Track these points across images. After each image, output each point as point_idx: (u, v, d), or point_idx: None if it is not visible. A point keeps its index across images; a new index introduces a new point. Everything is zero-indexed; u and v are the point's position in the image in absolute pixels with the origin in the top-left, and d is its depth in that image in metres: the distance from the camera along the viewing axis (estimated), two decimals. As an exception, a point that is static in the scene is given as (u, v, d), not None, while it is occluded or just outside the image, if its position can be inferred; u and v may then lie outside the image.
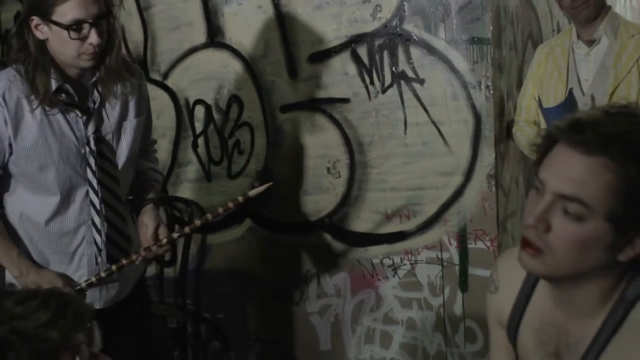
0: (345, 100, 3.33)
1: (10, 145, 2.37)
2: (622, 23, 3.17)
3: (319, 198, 3.43)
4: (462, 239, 3.17)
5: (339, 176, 3.37)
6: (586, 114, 1.44)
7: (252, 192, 2.42)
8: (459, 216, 3.18)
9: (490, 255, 3.12)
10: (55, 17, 2.26)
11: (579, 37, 3.16)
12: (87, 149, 2.42)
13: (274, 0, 3.40)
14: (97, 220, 2.47)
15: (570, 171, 1.39)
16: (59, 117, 2.39)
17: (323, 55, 3.35)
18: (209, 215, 2.49)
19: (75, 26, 2.25)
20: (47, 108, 2.35)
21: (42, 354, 1.35)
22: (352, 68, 3.30)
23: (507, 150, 3.29)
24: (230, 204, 2.43)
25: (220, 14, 3.52)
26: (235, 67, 3.52)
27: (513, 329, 1.67)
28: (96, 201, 2.46)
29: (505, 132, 3.27)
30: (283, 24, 3.40)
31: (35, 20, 2.30)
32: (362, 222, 3.36)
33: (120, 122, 2.51)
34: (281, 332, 3.59)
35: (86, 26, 2.26)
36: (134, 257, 2.46)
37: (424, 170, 3.22)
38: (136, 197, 2.65)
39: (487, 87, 3.08)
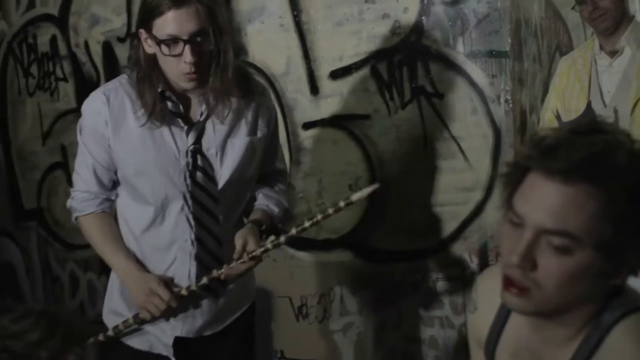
0: (366, 117, 3.31)
1: (109, 146, 2.30)
2: (646, 33, 3.08)
3: (341, 215, 3.33)
4: (483, 255, 3.12)
5: (361, 193, 3.33)
6: (553, 136, 1.32)
7: (355, 197, 2.21)
8: (479, 232, 3.12)
9: (512, 272, 3.05)
10: (154, 31, 2.18)
11: (601, 48, 3.09)
12: (186, 160, 2.30)
13: (295, 18, 3.41)
14: (191, 237, 2.34)
15: (551, 203, 1.28)
16: (163, 124, 2.28)
17: (343, 72, 3.34)
18: (293, 230, 2.25)
19: (168, 41, 2.16)
20: (155, 123, 2.27)
21: None
22: (372, 84, 3.28)
23: (530, 165, 3.21)
24: (330, 210, 2.24)
25: (243, 32, 3.54)
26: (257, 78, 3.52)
27: (490, 350, 1.59)
28: (190, 217, 2.32)
29: (527, 146, 3.19)
30: (304, 41, 3.41)
31: (143, 33, 2.22)
32: (383, 239, 3.33)
33: (227, 138, 2.34)
34: (305, 351, 3.57)
35: (180, 43, 2.16)
36: (214, 273, 2.27)
37: (445, 186, 3.17)
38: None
39: (506, 100, 3.03)
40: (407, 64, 3.21)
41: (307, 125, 3.45)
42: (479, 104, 3.08)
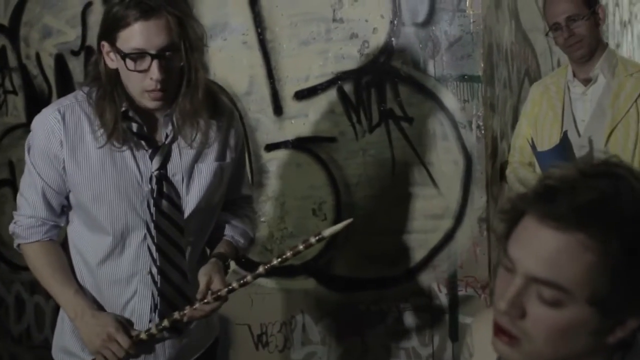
0: (332, 140, 3.21)
1: (64, 168, 2.10)
2: (621, 61, 3.02)
3: (304, 241, 3.28)
4: (452, 285, 3.04)
5: (325, 218, 3.23)
6: (559, 177, 1.21)
7: (327, 232, 2.01)
8: (449, 261, 3.04)
9: (481, 303, 2.98)
10: (118, 44, 1.99)
11: (574, 75, 3.02)
12: (150, 187, 2.12)
13: (260, 36, 3.29)
14: (154, 271, 2.14)
15: (543, 250, 1.18)
16: (124, 146, 2.10)
17: (309, 93, 3.23)
18: (261, 269, 2.08)
19: (133, 55, 1.98)
20: (115, 145, 2.08)
21: None
22: (338, 106, 3.18)
23: (500, 193, 3.14)
24: (301, 246, 2.04)
25: (205, 49, 3.40)
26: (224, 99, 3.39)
27: None
28: (153, 249, 2.13)
29: (498, 173, 3.13)
30: (268, 60, 3.30)
31: (106, 46, 2.04)
32: (348, 266, 3.22)
33: (194, 163, 2.16)
34: (264, 381, 3.44)
35: (147, 58, 1.98)
36: (175, 315, 2.08)
37: (413, 212, 3.09)
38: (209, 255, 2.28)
39: (478, 126, 2.96)
40: (376, 86, 3.11)
41: (270, 147, 3.34)
42: (449, 129, 3.00)
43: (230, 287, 2.08)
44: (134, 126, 2.11)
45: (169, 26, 1.99)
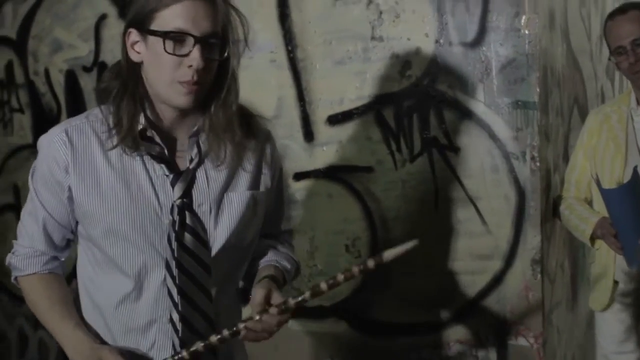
0: (368, 169, 2.93)
1: (70, 198, 1.83)
2: (691, 87, 2.75)
3: (335, 279, 2.99)
4: (501, 333, 2.75)
5: (359, 255, 2.95)
6: None
7: (389, 255, 1.74)
8: (497, 307, 2.75)
9: (534, 354, 2.68)
10: (154, 26, 1.74)
11: (638, 103, 2.74)
12: (171, 218, 1.83)
13: (290, 54, 3.03)
14: (175, 318, 1.84)
15: None
16: (141, 171, 1.82)
17: (344, 117, 2.96)
18: (323, 285, 1.73)
19: (175, 35, 1.73)
20: (127, 152, 1.80)
21: None
22: (376, 132, 2.91)
23: (553, 231, 2.86)
24: (356, 269, 1.72)
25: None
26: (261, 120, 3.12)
27: None
28: (174, 291, 1.83)
29: (551, 209, 2.84)
30: (299, 81, 3.03)
31: (133, 34, 1.78)
32: (384, 309, 2.93)
33: (223, 191, 1.88)
34: None
35: (189, 41, 1.73)
36: (225, 332, 1.77)
37: (458, 252, 2.80)
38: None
39: (532, 158, 2.67)
40: (418, 111, 2.84)
41: (299, 176, 3.07)
42: (500, 160, 2.72)
43: (302, 298, 1.76)
44: (154, 149, 1.83)
45: (217, 12, 1.76)
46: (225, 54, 1.82)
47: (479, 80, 2.74)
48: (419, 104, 2.83)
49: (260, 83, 3.08)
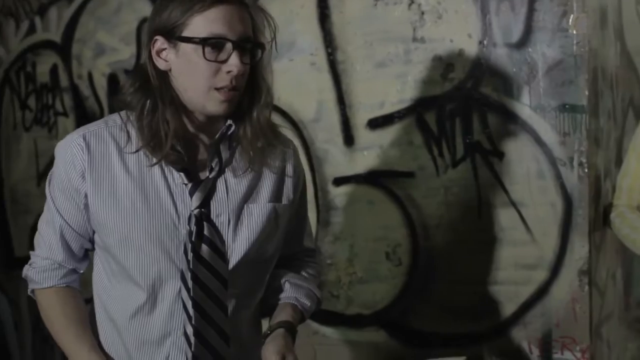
0: (409, 175, 2.84)
1: (86, 205, 1.80)
2: None
3: (375, 288, 2.92)
4: (546, 347, 2.64)
5: (400, 263, 2.86)
6: None
7: None
8: (542, 319, 2.64)
9: (581, 369, 2.57)
10: (187, 32, 1.70)
11: (696, 105, 2.61)
12: (188, 228, 1.78)
13: (330, 57, 2.96)
14: (188, 331, 1.80)
15: None
16: (159, 179, 1.78)
17: (384, 121, 2.87)
18: None
19: (214, 41, 1.69)
20: (148, 159, 1.77)
21: None
22: (417, 137, 2.81)
23: (603, 241, 2.73)
24: None
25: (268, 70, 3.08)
26: (283, 131, 3.04)
27: None
28: (188, 304, 1.78)
29: (601, 218, 2.71)
30: (339, 84, 2.95)
31: (160, 41, 1.74)
32: (425, 319, 2.84)
33: (243, 202, 1.83)
34: None
35: (227, 46, 1.71)
36: None
37: (502, 261, 2.70)
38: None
39: (580, 164, 2.56)
40: (461, 114, 2.74)
41: (339, 181, 2.98)
42: (546, 166, 2.61)
43: None
44: (174, 155, 1.78)
45: (249, 16, 1.75)
46: (258, 58, 1.78)
47: (525, 82, 2.63)
48: (462, 107, 2.73)
49: (300, 86, 3.02)
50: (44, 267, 1.88)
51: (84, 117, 3.57)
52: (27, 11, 3.75)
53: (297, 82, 3.02)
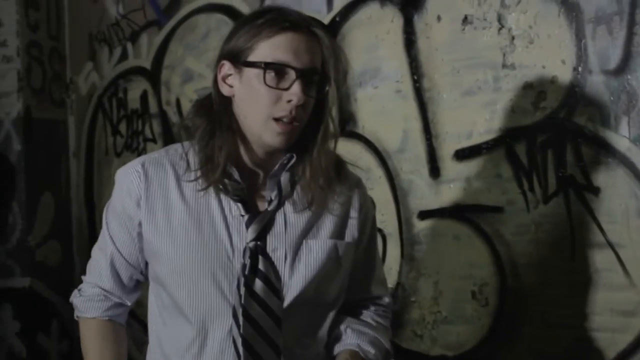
0: (498, 210, 2.67)
1: (140, 234, 1.76)
2: None
3: (460, 329, 2.76)
4: (645, 400, 2.41)
5: (487, 304, 2.70)
6: None
7: None
8: (642, 370, 2.42)
9: None
10: (252, 57, 1.66)
11: None
12: (243, 262, 1.70)
13: (416, 84, 2.83)
14: None
15: None
16: (215, 209, 1.72)
17: (472, 152, 2.72)
18: None
19: (277, 67, 1.65)
20: (201, 192, 1.72)
21: None
22: (507, 169, 2.65)
23: None
24: None
25: (352, 97, 2.99)
26: (367, 161, 2.94)
27: None
28: (238, 342, 1.68)
29: None
30: (425, 113, 2.82)
31: (226, 66, 1.71)
32: (513, 363, 2.66)
33: (302, 237, 1.75)
34: None
35: (290, 74, 1.65)
36: None
37: (597, 305, 2.49)
38: None
39: (685, 202, 2.34)
40: (554, 146, 2.56)
41: (424, 214, 2.85)
42: (647, 203, 2.40)
43: None
44: (232, 185, 1.71)
45: (318, 46, 1.68)
46: (325, 92, 1.71)
47: (623, 112, 2.43)
48: (555, 138, 2.55)
49: (385, 115, 2.92)
50: (90, 296, 1.86)
51: (171, 143, 3.54)
52: (119, 38, 3.78)
53: (381, 110, 2.92)
